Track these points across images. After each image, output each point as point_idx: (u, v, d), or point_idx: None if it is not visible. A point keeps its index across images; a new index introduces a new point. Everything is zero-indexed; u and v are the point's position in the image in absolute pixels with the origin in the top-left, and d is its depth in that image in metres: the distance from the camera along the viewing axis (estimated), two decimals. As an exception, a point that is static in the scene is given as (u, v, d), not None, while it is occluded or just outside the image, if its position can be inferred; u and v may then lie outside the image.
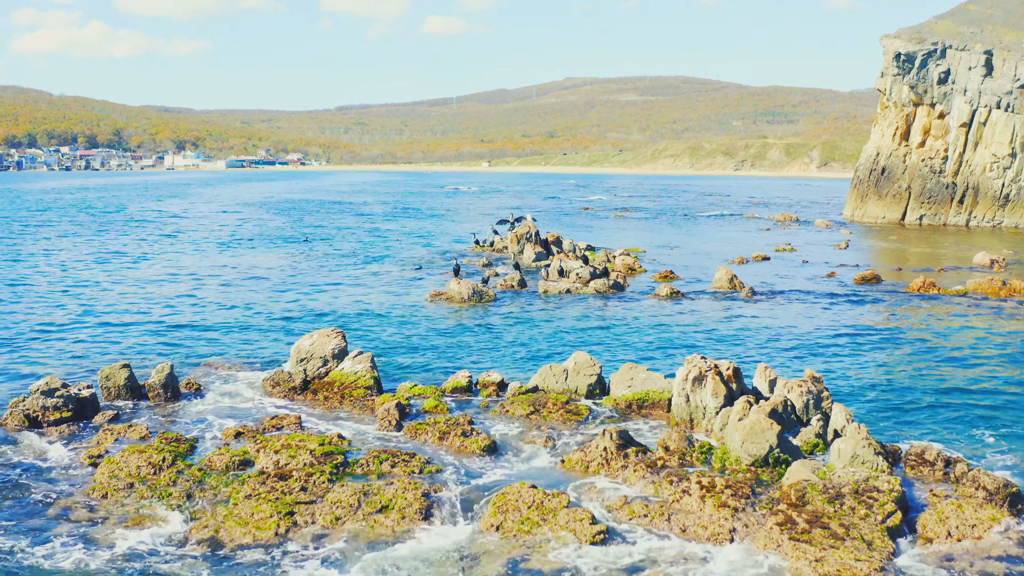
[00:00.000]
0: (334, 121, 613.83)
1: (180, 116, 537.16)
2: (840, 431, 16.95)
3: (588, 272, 38.01)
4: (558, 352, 25.47)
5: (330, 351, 21.38)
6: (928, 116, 77.36)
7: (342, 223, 76.64)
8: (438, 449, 16.93)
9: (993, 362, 25.07)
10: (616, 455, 15.84)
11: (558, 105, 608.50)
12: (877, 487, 14.27)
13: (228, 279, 39.85)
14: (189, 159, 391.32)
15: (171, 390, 20.22)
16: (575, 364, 20.41)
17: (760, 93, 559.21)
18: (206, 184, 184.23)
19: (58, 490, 14.96)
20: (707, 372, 17.99)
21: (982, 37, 75.20)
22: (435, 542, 13.28)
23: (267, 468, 15.59)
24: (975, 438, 18.38)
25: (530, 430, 18.16)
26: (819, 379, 18.94)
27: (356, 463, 15.91)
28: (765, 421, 15.62)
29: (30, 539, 13.18)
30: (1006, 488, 14.58)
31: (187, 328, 28.51)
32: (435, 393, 20.20)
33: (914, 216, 77.21)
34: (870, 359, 25.23)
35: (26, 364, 23.63)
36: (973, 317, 31.68)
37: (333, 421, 18.80)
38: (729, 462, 15.64)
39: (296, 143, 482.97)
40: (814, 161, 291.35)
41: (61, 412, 18.42)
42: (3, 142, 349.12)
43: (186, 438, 16.99)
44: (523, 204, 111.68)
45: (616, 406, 19.44)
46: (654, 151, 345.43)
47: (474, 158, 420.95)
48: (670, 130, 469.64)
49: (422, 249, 53.93)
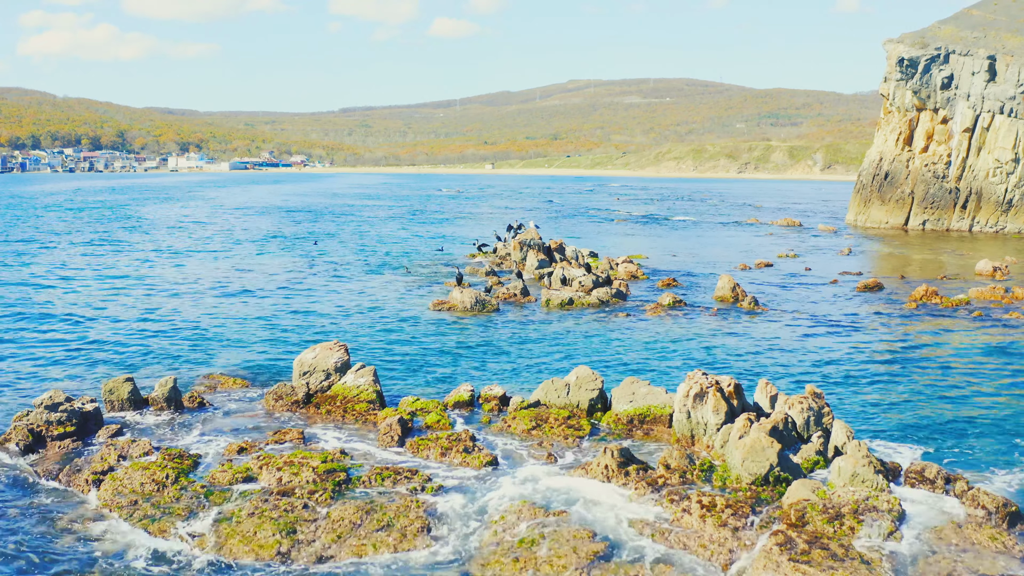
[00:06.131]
0: (338, 123, 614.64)
1: (184, 118, 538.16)
2: (841, 448, 17.00)
3: (591, 280, 38.07)
4: (560, 364, 25.53)
5: (332, 364, 21.46)
6: (931, 121, 77.34)
7: (345, 227, 76.77)
8: (440, 465, 16.99)
9: (995, 375, 25.08)
10: (617, 472, 15.89)
11: (562, 107, 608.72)
12: (877, 506, 14.31)
13: (233, 289, 39.96)
14: (193, 161, 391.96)
15: (174, 403, 20.32)
16: (577, 378, 20.46)
17: (764, 95, 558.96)
18: (210, 186, 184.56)
19: (61, 507, 15.05)
20: (708, 388, 18.04)
21: (985, 42, 75.17)
22: (436, 560, 13.35)
23: (270, 485, 15.67)
24: (976, 454, 18.41)
25: (532, 446, 18.22)
26: (820, 395, 18.99)
27: (358, 480, 15.98)
28: (765, 439, 15.67)
29: (37, 555, 13.26)
30: (1006, 507, 14.63)
31: (190, 340, 28.61)
32: (437, 407, 20.26)
33: (917, 221, 77.17)
34: (871, 372, 25.26)
35: (30, 377, 23.73)
36: (975, 327, 31.68)
37: (336, 436, 18.87)
38: (730, 480, 15.69)
39: (300, 145, 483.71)
40: (817, 164, 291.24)
41: (65, 426, 18.51)
42: (7, 144, 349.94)
43: (189, 454, 17.08)
44: (526, 207, 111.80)
45: (617, 421, 19.48)
46: (657, 153, 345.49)
47: (477, 160, 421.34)
48: (674, 132, 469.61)
49: (424, 255, 54.01)
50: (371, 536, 13.99)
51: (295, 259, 51.86)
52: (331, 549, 13.69)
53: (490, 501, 15.35)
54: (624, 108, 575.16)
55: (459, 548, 13.75)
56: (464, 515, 14.79)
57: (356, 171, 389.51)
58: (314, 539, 13.93)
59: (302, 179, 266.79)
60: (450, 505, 15.13)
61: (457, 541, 13.96)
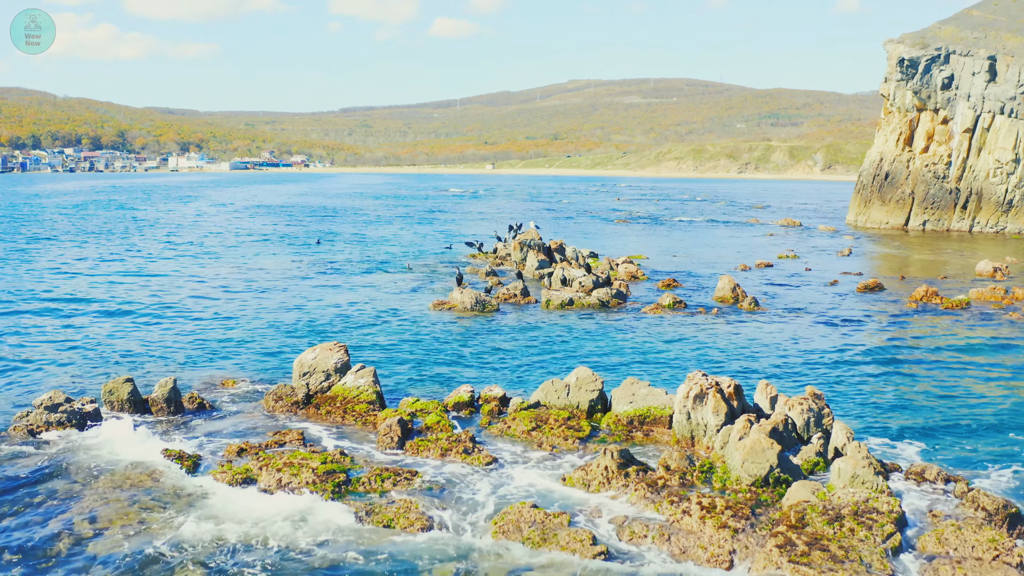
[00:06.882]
0: (338, 123, 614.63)
1: (184, 118, 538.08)
2: (841, 449, 16.99)
3: (591, 281, 38.06)
4: (560, 364, 25.53)
5: (332, 365, 21.45)
6: (932, 121, 77.33)
7: (345, 227, 76.77)
8: (440, 466, 16.99)
9: (996, 376, 25.08)
10: (617, 474, 15.89)
11: (562, 107, 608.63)
12: (877, 508, 14.30)
13: (233, 289, 39.96)
14: (193, 161, 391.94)
15: (174, 404, 20.31)
16: (577, 379, 20.45)
17: (764, 95, 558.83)
18: (211, 186, 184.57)
19: (59, 508, 15.05)
20: (708, 389, 18.03)
21: (986, 42, 75.15)
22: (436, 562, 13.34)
23: (270, 487, 15.66)
24: (976, 455, 18.40)
25: (531, 447, 18.22)
26: (820, 396, 18.99)
27: (358, 481, 15.98)
28: (765, 441, 15.66)
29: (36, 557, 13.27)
30: (1006, 509, 14.62)
31: (190, 341, 28.61)
32: (437, 408, 20.25)
33: (917, 222, 77.16)
34: (871, 373, 25.25)
35: (29, 377, 23.72)
36: (976, 328, 31.67)
37: (336, 437, 18.87)
38: (729, 482, 15.68)
39: (300, 145, 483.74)
40: (818, 164, 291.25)
41: (64, 427, 18.52)
42: (7, 143, 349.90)
43: (189, 455, 17.07)
44: (526, 208, 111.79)
45: (617, 422, 19.47)
46: (658, 154, 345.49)
47: (478, 160, 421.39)
48: (674, 132, 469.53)
49: (425, 255, 54.01)
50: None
51: (295, 259, 51.85)
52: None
53: (490, 502, 15.34)
54: (624, 108, 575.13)
55: (459, 549, 13.74)
56: (463, 516, 14.78)
57: (356, 171, 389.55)
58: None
59: (302, 179, 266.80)
60: (450, 506, 15.12)
61: (456, 542, 13.95)
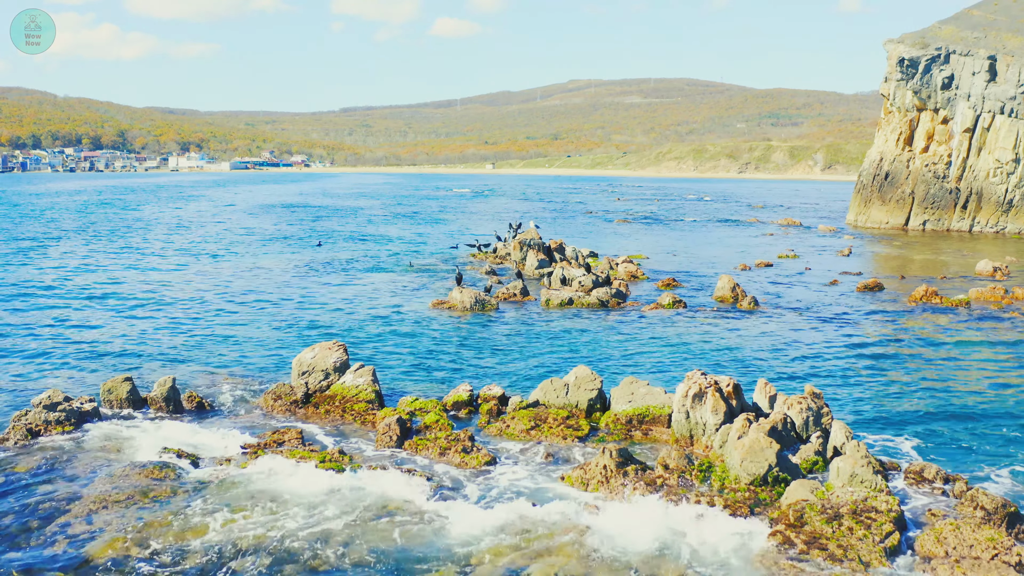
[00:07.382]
0: (338, 123, 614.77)
1: (184, 118, 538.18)
2: (840, 448, 16.99)
3: (591, 281, 38.05)
4: (559, 364, 25.52)
5: (331, 364, 21.45)
6: (932, 121, 77.32)
7: (346, 227, 76.77)
8: (439, 465, 16.98)
9: (995, 375, 25.07)
10: (616, 473, 15.88)
11: (562, 107, 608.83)
12: (875, 507, 14.29)
13: (233, 289, 39.95)
14: (193, 161, 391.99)
15: (173, 403, 20.30)
16: (576, 378, 20.44)
17: (764, 95, 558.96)
18: (211, 186, 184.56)
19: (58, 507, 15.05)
20: (707, 388, 18.02)
21: (986, 42, 75.13)
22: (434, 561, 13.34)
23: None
24: (975, 455, 18.39)
25: (530, 446, 18.21)
26: (819, 395, 18.97)
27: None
28: (764, 440, 15.65)
29: (35, 556, 13.27)
30: (1004, 508, 14.60)
31: (190, 340, 28.60)
32: (436, 407, 20.24)
33: (917, 222, 77.14)
34: (871, 372, 25.24)
35: (28, 376, 23.72)
36: (975, 328, 31.66)
37: (334, 436, 18.87)
38: (728, 481, 15.67)
39: (300, 145, 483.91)
40: (818, 164, 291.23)
41: (63, 426, 18.51)
42: (8, 143, 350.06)
43: (187, 454, 17.06)
44: (526, 208, 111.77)
45: (616, 421, 19.46)
46: (658, 153, 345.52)
47: (478, 160, 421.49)
48: (674, 132, 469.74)
49: (425, 254, 54.02)
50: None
51: (294, 258, 51.85)
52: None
53: (488, 501, 15.34)
54: (625, 108, 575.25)
55: (458, 548, 13.73)
56: (462, 515, 14.77)
57: (357, 171, 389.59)
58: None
59: (303, 179, 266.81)
60: (448, 505, 15.12)
61: (455, 540, 13.94)
